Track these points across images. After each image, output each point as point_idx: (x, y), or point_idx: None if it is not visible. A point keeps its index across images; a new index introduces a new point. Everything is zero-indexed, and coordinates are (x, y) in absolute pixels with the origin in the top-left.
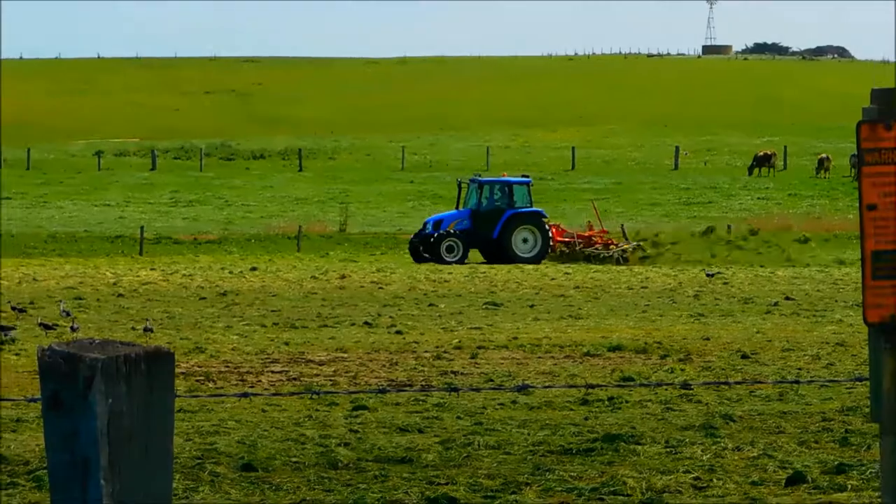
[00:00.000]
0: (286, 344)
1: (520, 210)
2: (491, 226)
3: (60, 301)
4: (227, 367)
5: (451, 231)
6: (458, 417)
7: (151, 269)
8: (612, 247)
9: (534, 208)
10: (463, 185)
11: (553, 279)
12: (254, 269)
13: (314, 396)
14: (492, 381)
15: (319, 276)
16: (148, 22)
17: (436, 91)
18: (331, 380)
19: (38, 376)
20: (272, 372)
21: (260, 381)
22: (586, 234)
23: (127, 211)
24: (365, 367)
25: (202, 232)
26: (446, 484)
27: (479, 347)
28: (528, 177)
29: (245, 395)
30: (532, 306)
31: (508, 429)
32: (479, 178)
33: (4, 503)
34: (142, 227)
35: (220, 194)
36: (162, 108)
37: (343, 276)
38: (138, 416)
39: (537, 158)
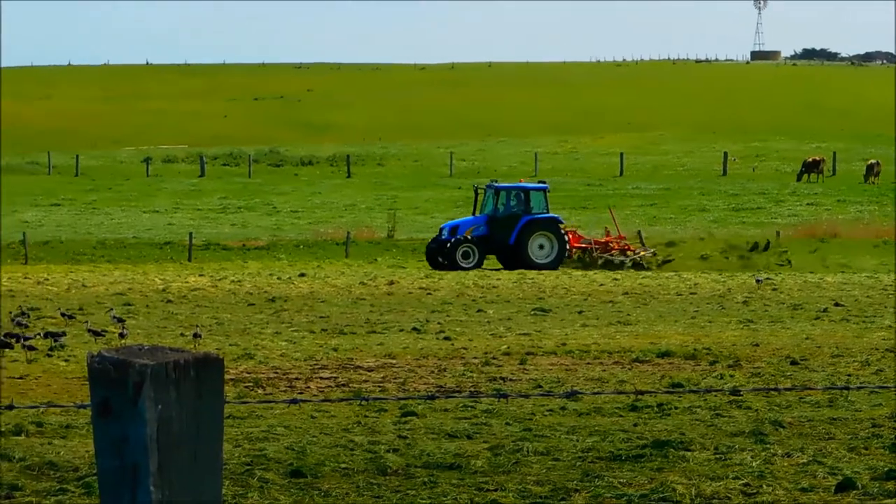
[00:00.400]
0: (335, 350)
1: (536, 216)
2: (507, 232)
3: (110, 308)
4: (276, 373)
5: (468, 237)
6: (507, 423)
7: (200, 276)
8: (629, 253)
9: (550, 214)
10: (480, 191)
11: (602, 285)
12: (302, 275)
13: (363, 403)
14: (541, 387)
15: (368, 282)
16: (196, 29)
17: (484, 97)
18: (379, 386)
19: (87, 382)
20: (321, 378)
21: (309, 387)
22: (603, 241)
23: (175, 217)
24: (413, 374)
25: (250, 238)
26: (495, 490)
27: (528, 353)
28: (544, 182)
29: (294, 401)
30: (581, 312)
31: (557, 435)
32: (496, 184)
33: None
34: (190, 234)
35: (269, 200)
36: (210, 115)
37: (391, 282)
38: (188, 423)
39: (585, 164)
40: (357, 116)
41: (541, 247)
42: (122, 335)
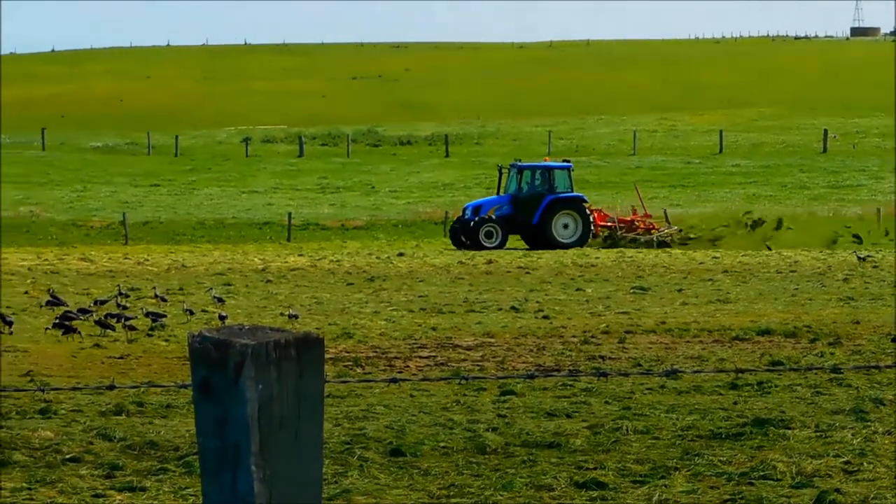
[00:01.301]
0: (433, 329)
1: (560, 195)
2: (531, 211)
3: (210, 288)
4: (376, 352)
5: (491, 216)
6: (607, 402)
7: (299, 255)
8: (653, 231)
9: (575, 193)
10: (504, 171)
11: (701, 263)
12: (401, 254)
13: (462, 382)
14: (640, 365)
15: (466, 262)
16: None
17: (583, 75)
18: (478, 365)
19: (187, 362)
20: (420, 357)
21: (408, 366)
22: (628, 219)
23: (275, 198)
24: (512, 352)
25: (349, 218)
26: (595, 469)
27: (627, 332)
28: (568, 161)
29: (394, 380)
30: (680, 290)
31: (657, 413)
32: (519, 164)
33: (155, 488)
34: (289, 214)
35: (367, 180)
36: (309, 95)
37: (490, 262)
38: (288, 402)
39: (684, 142)
40: (455, 96)
41: (565, 226)
42: (221, 317)
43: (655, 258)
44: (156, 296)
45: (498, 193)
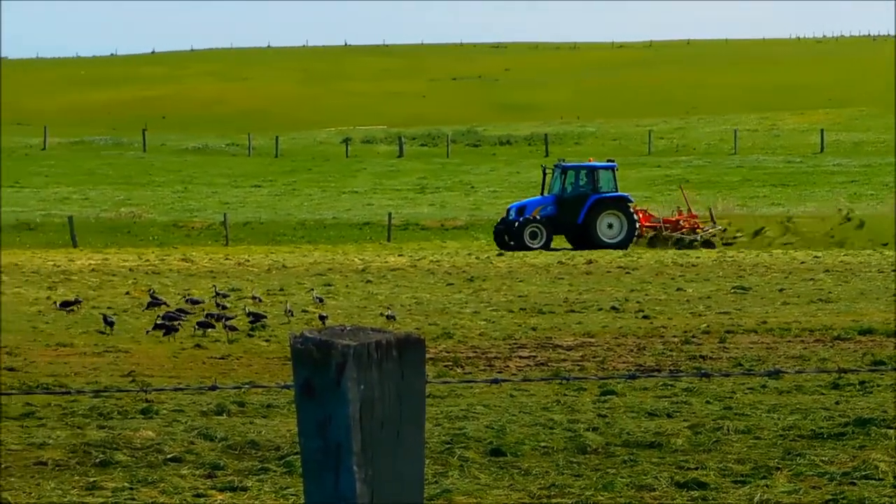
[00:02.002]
0: (533, 329)
1: (605, 195)
2: (576, 211)
3: (311, 288)
4: (475, 352)
5: (535, 217)
6: (708, 402)
7: (399, 255)
8: (698, 230)
9: (619, 193)
10: (548, 172)
11: (802, 263)
12: (500, 254)
13: (563, 382)
14: (741, 365)
15: (566, 262)
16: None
17: (682, 75)
18: (578, 365)
19: (287, 362)
20: (520, 357)
21: (508, 366)
22: (673, 219)
23: (374, 198)
24: (612, 352)
25: (449, 218)
26: (696, 469)
27: (728, 332)
28: (613, 161)
29: (496, 381)
30: (781, 290)
31: (758, 413)
32: (564, 164)
33: (256, 488)
34: (389, 214)
35: (467, 181)
36: (409, 95)
37: (590, 261)
38: (390, 403)
39: (785, 142)
40: (555, 95)
41: (609, 226)
42: (322, 316)
43: (756, 258)
44: (253, 297)
45: (542, 194)
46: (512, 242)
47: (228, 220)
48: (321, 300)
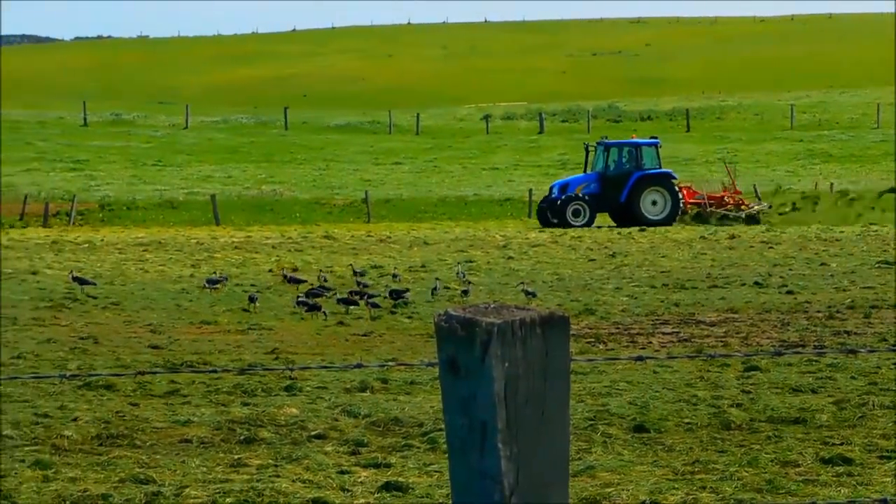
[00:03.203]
0: (676, 305)
1: (648, 171)
2: (619, 189)
3: (458, 263)
4: (618, 328)
5: (578, 195)
6: (853, 377)
7: (540, 232)
8: (743, 207)
9: (663, 169)
10: (590, 149)
11: None
12: (642, 229)
13: (707, 359)
14: (886, 340)
15: (708, 237)
16: None
17: (825, 48)
18: (721, 340)
19: (430, 339)
20: (662, 333)
21: (650, 342)
22: (718, 195)
23: (515, 174)
24: (756, 328)
25: None
26: (841, 444)
27: (873, 307)
28: (656, 138)
29: (640, 358)
30: None
31: None
32: (606, 141)
33: (399, 465)
34: (530, 190)
35: None
36: (549, 71)
37: (732, 237)
38: (534, 380)
39: None
40: (695, 70)
41: (653, 203)
42: (464, 292)
43: None
44: (393, 275)
45: (585, 171)
46: (555, 220)
47: (370, 197)
48: (465, 276)
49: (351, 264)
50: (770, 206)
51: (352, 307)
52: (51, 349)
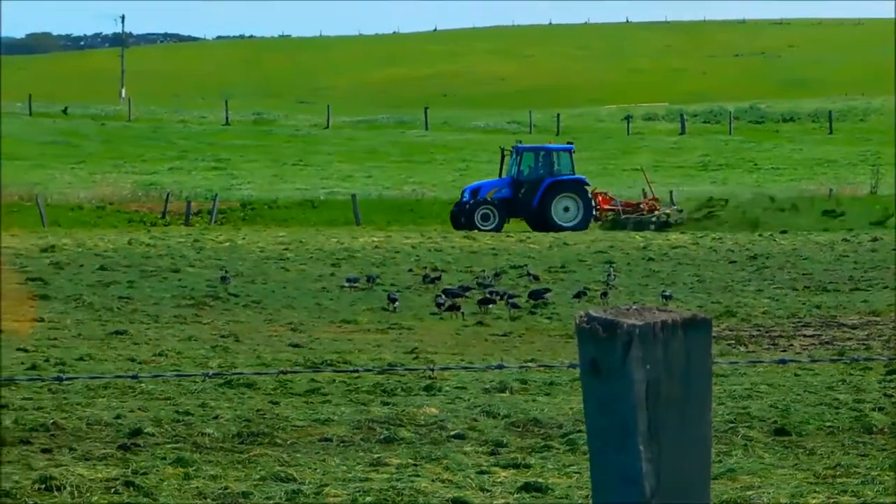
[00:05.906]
0: (818, 307)
1: (560, 178)
2: (531, 194)
3: (609, 263)
4: (759, 330)
5: (489, 199)
6: None
7: (681, 233)
8: (656, 212)
9: (576, 176)
10: (506, 153)
11: None
12: (784, 231)
13: (850, 362)
14: None
15: (850, 239)
16: None
17: None
18: (864, 343)
19: (570, 340)
20: (804, 336)
21: (792, 345)
22: (634, 202)
23: (656, 175)
24: None
25: (731, 195)
26: None
27: None
28: (571, 143)
29: (782, 361)
30: None
31: None
32: (520, 146)
33: (539, 466)
34: (671, 192)
35: (750, 158)
36: (690, 72)
37: (875, 239)
38: (676, 383)
39: None
40: (839, 72)
41: (566, 209)
42: (603, 294)
43: None
44: (528, 274)
45: (499, 176)
46: (465, 223)
47: None
48: (611, 276)
49: (483, 270)
50: (681, 211)
51: (491, 307)
52: (192, 347)
